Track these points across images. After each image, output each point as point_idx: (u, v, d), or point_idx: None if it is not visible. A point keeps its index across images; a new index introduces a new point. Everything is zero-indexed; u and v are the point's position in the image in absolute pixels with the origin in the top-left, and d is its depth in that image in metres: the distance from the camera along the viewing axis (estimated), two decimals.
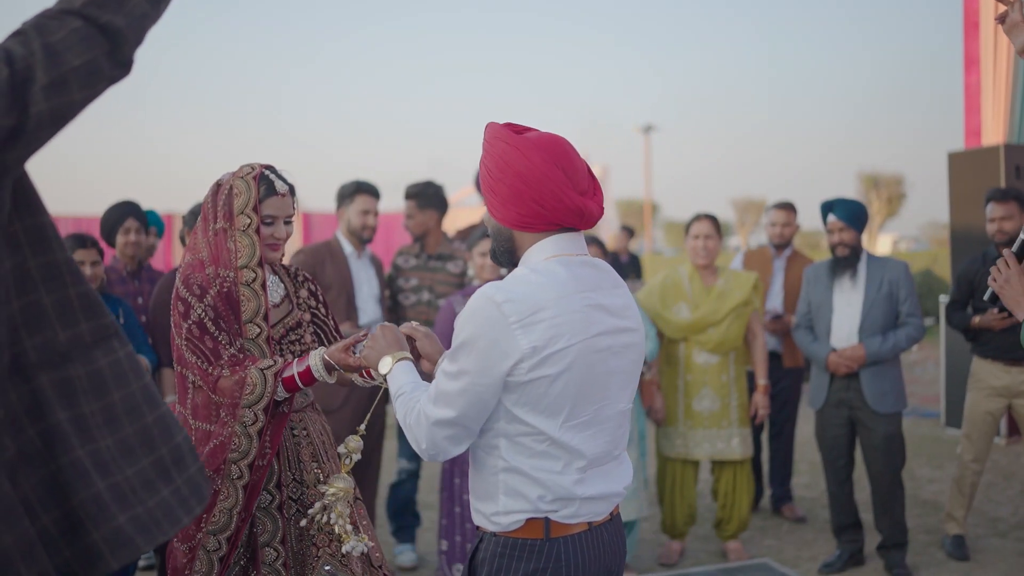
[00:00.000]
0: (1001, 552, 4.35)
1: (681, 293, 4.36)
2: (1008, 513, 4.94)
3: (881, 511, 4.10)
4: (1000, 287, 2.48)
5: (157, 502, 1.34)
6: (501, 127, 1.81)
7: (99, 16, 1.24)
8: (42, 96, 1.19)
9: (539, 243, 1.78)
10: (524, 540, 1.75)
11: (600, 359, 1.75)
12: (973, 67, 7.60)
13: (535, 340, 1.66)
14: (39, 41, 1.21)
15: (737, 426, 4.30)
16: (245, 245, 2.26)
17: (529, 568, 1.74)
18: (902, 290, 4.05)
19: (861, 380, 4.04)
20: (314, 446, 2.37)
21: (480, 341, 1.67)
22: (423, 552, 4.56)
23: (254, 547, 2.22)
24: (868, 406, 4.02)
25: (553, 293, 1.70)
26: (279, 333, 2.35)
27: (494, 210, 1.80)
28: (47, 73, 1.19)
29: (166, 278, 3.74)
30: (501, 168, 1.75)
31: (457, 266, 4.45)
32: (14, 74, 1.18)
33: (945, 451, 6.39)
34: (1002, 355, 4.21)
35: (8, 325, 1.25)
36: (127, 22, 1.26)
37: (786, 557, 4.38)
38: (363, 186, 4.33)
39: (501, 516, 1.76)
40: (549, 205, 1.73)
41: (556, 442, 1.72)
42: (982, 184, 6.48)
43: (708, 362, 4.30)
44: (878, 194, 44.25)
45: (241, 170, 2.32)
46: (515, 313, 1.66)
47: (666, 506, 4.40)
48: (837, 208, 4.13)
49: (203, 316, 2.20)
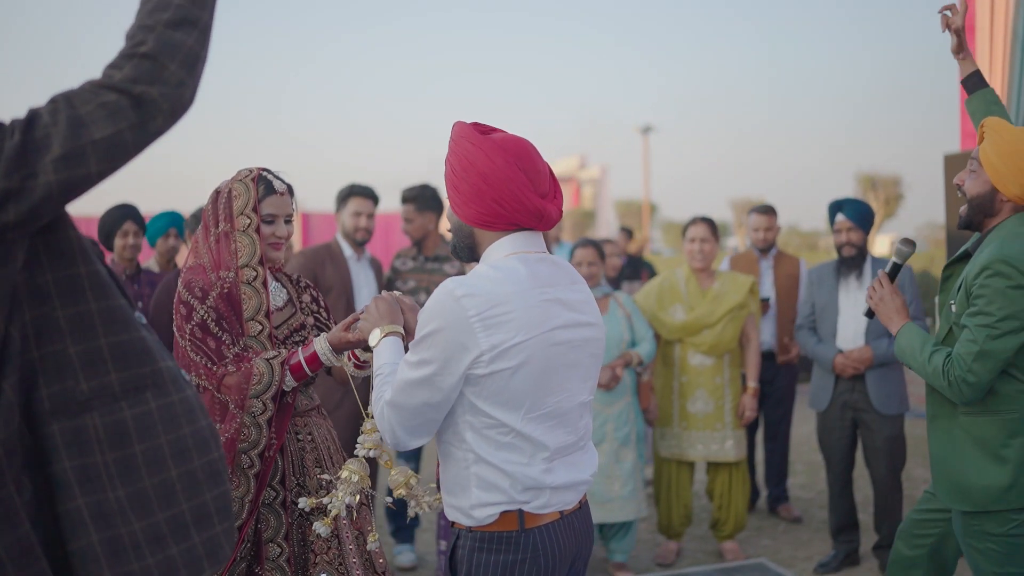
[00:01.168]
0: None
1: (677, 295, 4.39)
2: None
3: (881, 512, 4.13)
4: (875, 304, 2.75)
5: (160, 559, 1.31)
6: (468, 126, 1.85)
7: (133, 87, 1.24)
8: (52, 167, 1.19)
9: (499, 241, 1.84)
10: (500, 533, 1.78)
11: (559, 352, 1.79)
12: None
13: (493, 334, 1.71)
14: (66, 112, 1.21)
15: (731, 428, 4.34)
16: (245, 244, 2.31)
17: (508, 560, 1.78)
18: (907, 293, 4.05)
19: (867, 382, 4.05)
20: (318, 451, 2.38)
21: (440, 334, 1.71)
22: (422, 552, 4.60)
23: (259, 543, 2.25)
24: (873, 408, 4.04)
25: (511, 288, 1.74)
26: (283, 334, 2.38)
27: (456, 207, 1.85)
28: (63, 145, 1.20)
29: (167, 280, 3.76)
30: (465, 167, 1.80)
31: (454, 267, 4.46)
32: (26, 142, 1.19)
33: None
34: None
35: (26, 372, 1.26)
36: (162, 91, 1.25)
37: (782, 557, 4.42)
38: (356, 189, 4.35)
39: (477, 509, 1.78)
40: (509, 206, 1.79)
41: (520, 434, 1.76)
42: None
43: (703, 364, 4.33)
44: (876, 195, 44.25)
45: (239, 174, 2.37)
46: (474, 307, 1.70)
47: (662, 506, 4.44)
48: (846, 208, 4.14)
49: (205, 317, 2.23)
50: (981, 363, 2.40)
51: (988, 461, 2.45)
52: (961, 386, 2.43)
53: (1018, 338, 2.39)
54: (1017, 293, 2.37)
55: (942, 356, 2.49)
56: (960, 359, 2.43)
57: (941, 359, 2.48)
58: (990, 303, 2.39)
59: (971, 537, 2.50)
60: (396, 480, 2.13)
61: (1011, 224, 2.48)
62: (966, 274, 2.49)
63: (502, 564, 1.78)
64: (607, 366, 4.04)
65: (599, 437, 4.05)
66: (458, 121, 1.89)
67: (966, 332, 2.44)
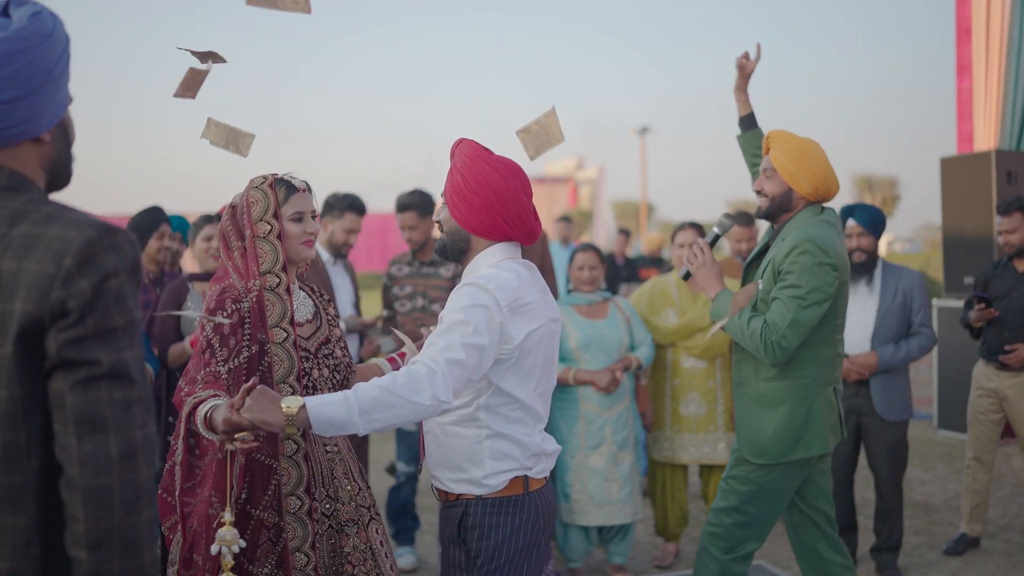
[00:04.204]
0: (989, 553, 4.41)
1: (668, 299, 4.42)
2: (997, 515, 5.00)
3: (882, 516, 4.15)
4: (696, 269, 3.06)
5: None
6: (478, 146, 2.12)
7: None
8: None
9: (492, 247, 2.12)
10: (508, 497, 2.07)
11: (552, 340, 2.15)
12: (965, 73, 7.67)
13: (518, 321, 2.01)
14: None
15: (723, 431, 4.36)
16: (267, 251, 2.24)
17: (516, 522, 2.06)
18: (916, 300, 4.06)
19: (871, 388, 4.04)
20: (346, 463, 2.35)
21: (486, 312, 1.96)
22: (422, 555, 4.61)
23: (284, 553, 2.20)
24: (876, 414, 4.03)
25: (524, 284, 2.05)
26: (313, 347, 2.32)
27: (460, 215, 2.09)
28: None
29: (176, 284, 3.75)
30: (479, 183, 2.05)
31: (449, 270, 4.44)
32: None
33: (937, 453, 6.46)
34: (991, 357, 4.30)
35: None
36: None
37: (779, 559, 4.44)
38: (355, 204, 4.35)
39: (491, 478, 2.05)
40: (513, 222, 2.09)
41: (526, 408, 2.08)
42: (974, 189, 6.56)
43: (695, 367, 4.36)
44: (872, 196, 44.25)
45: (252, 182, 2.30)
46: (504, 299, 1.99)
47: (658, 508, 4.46)
48: (857, 213, 4.12)
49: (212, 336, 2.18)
50: (792, 329, 2.79)
51: (778, 421, 2.90)
52: (775, 349, 2.81)
53: (821, 308, 2.82)
54: (821, 269, 2.80)
55: (760, 321, 2.85)
56: (775, 325, 2.80)
57: (759, 324, 2.84)
58: (799, 277, 2.80)
59: (748, 483, 2.97)
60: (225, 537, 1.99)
61: (806, 215, 2.94)
62: (772, 257, 2.91)
63: (510, 525, 2.05)
64: (607, 369, 4.06)
65: (598, 440, 4.06)
66: (465, 139, 2.15)
67: (777, 303, 2.83)
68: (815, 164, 2.90)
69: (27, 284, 1.22)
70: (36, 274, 1.22)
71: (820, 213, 2.96)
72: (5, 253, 1.23)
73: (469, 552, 2.06)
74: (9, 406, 1.23)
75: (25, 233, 1.24)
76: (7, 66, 1.29)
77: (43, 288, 1.21)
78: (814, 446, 2.91)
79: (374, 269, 18.67)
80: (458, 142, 2.14)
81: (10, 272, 1.22)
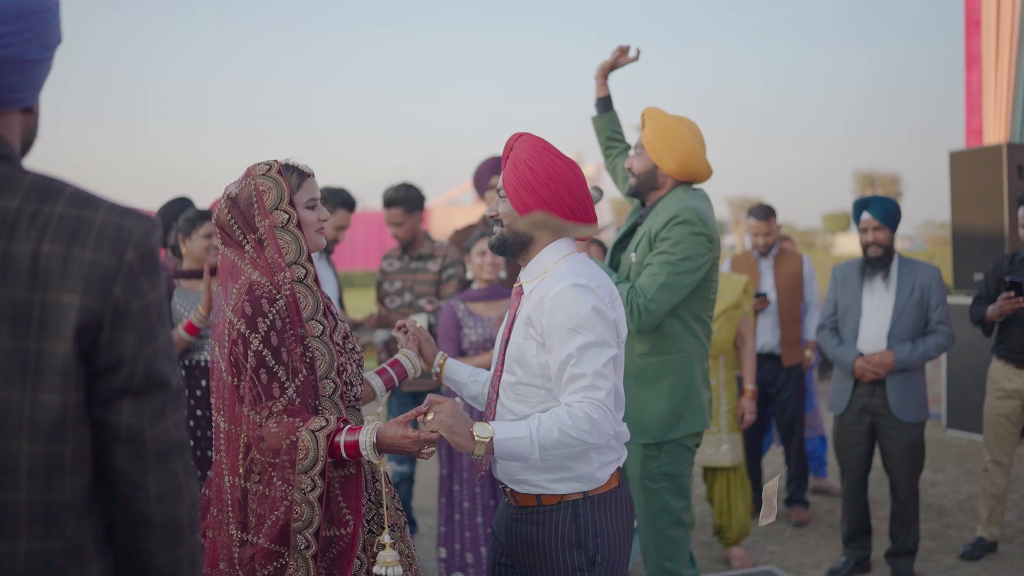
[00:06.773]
0: (1008, 557, 4.28)
1: None
2: (1014, 518, 4.86)
3: (898, 519, 4.01)
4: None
5: None
6: (542, 139, 2.08)
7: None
8: None
9: (559, 241, 2.08)
10: (611, 491, 2.06)
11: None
12: (974, 65, 7.54)
13: (617, 310, 2.03)
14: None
15: (726, 432, 4.23)
16: (288, 241, 2.05)
17: (619, 514, 2.06)
18: (933, 297, 3.91)
19: (887, 388, 3.90)
20: (374, 466, 2.18)
21: (601, 316, 1.95)
22: (421, 559, 4.48)
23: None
24: (892, 415, 3.89)
25: (606, 277, 2.06)
26: (339, 339, 2.17)
27: (524, 208, 2.03)
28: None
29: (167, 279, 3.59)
30: (551, 175, 2.02)
31: (436, 264, 4.39)
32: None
33: (947, 454, 6.32)
34: (1014, 356, 4.14)
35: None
36: None
37: (790, 564, 4.31)
38: (347, 201, 4.30)
39: (600, 470, 2.02)
40: (579, 214, 2.05)
41: (618, 394, 2.02)
42: (984, 183, 6.43)
43: None
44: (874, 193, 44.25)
45: (255, 170, 2.10)
46: (605, 294, 2.00)
47: None
48: (872, 206, 3.97)
49: (263, 347, 1.97)
50: (662, 294, 2.79)
51: (660, 397, 2.88)
52: (643, 312, 2.79)
53: (692, 277, 2.83)
54: (698, 239, 2.83)
55: (627, 286, 2.85)
56: (644, 289, 2.81)
57: (626, 288, 2.84)
58: (675, 244, 2.81)
59: (648, 478, 2.93)
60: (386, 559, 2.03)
61: (679, 192, 2.96)
62: (648, 228, 2.91)
63: (616, 518, 2.05)
64: None
65: None
66: (527, 133, 2.10)
67: (650, 268, 2.84)
68: (678, 140, 2.90)
69: (83, 274, 1.05)
70: (93, 264, 1.06)
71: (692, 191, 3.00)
72: (44, 234, 1.05)
73: (588, 553, 2.01)
74: (59, 414, 1.06)
75: (64, 215, 1.07)
76: (40, 24, 1.13)
77: (104, 281, 1.06)
78: (696, 422, 2.91)
79: (371, 268, 18.57)
80: (517, 136, 2.10)
81: (55, 257, 1.05)
